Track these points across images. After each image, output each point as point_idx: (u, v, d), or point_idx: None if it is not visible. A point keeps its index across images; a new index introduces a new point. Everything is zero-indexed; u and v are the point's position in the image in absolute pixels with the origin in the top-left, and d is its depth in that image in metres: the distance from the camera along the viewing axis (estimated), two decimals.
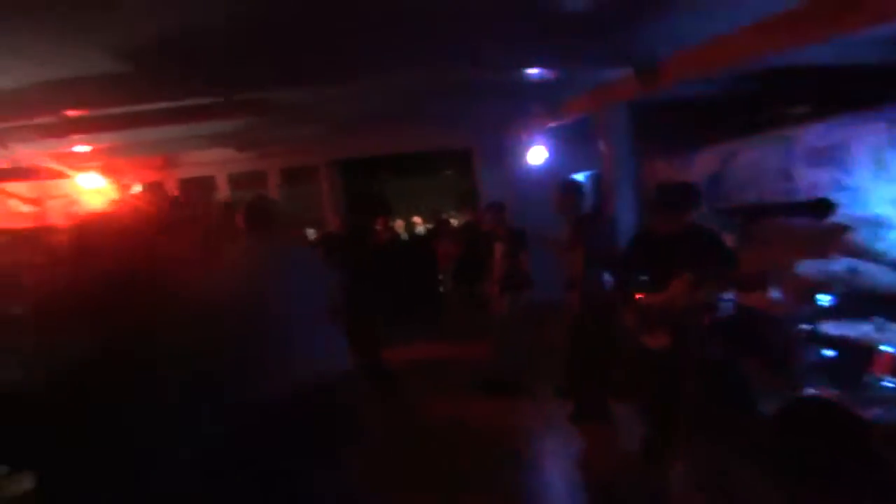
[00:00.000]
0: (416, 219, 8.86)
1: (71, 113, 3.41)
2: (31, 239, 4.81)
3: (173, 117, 3.54)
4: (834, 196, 3.67)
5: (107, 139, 4.29)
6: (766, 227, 3.69)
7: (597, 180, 4.86)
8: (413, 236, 8.18)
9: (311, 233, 7.12)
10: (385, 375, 4.23)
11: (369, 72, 3.36)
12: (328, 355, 2.01)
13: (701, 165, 4.88)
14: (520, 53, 3.21)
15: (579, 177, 5.31)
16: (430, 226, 7.72)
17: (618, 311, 3.08)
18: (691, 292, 2.60)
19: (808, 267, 3.09)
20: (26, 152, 4.34)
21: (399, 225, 8.04)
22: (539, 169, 5.26)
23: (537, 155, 5.19)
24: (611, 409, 3.60)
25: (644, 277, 2.80)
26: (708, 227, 2.77)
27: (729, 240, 3.04)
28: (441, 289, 6.40)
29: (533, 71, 3.53)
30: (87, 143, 4.52)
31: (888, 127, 3.42)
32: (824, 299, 2.91)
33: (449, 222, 7.27)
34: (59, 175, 4.75)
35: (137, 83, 3.06)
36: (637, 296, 2.82)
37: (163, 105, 3.42)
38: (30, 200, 5.13)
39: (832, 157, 3.75)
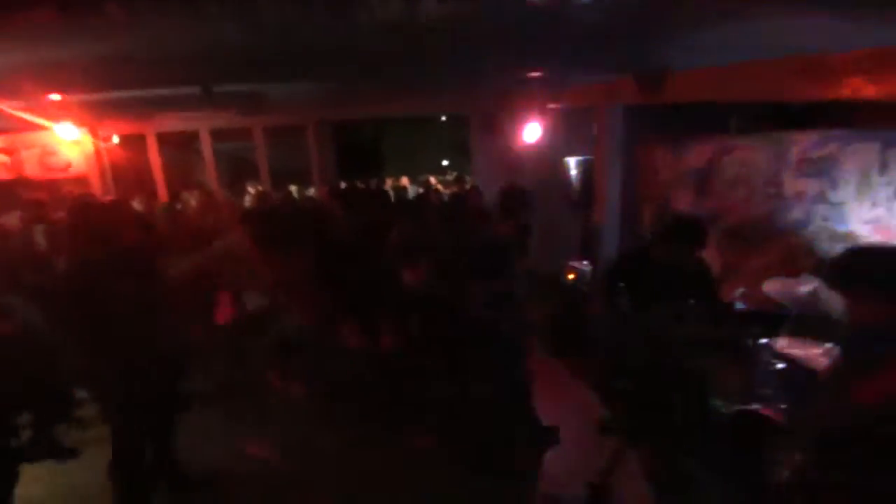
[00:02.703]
0: (404, 180, 8.32)
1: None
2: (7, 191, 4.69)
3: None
4: (816, 209, 3.72)
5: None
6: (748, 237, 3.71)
7: (588, 166, 4.81)
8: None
9: (293, 189, 6.98)
10: None
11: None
12: None
13: (697, 156, 4.81)
14: (527, 57, 3.08)
15: (570, 160, 5.27)
16: (419, 189, 7.43)
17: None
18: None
19: (776, 286, 3.21)
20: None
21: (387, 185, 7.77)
22: (532, 145, 5.16)
23: (532, 132, 5.07)
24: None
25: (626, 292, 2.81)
26: (703, 262, 2.79)
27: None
28: None
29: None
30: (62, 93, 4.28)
31: (881, 149, 3.40)
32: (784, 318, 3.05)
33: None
34: (35, 127, 4.53)
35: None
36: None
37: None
38: (3, 151, 4.91)
39: (822, 168, 3.73)
